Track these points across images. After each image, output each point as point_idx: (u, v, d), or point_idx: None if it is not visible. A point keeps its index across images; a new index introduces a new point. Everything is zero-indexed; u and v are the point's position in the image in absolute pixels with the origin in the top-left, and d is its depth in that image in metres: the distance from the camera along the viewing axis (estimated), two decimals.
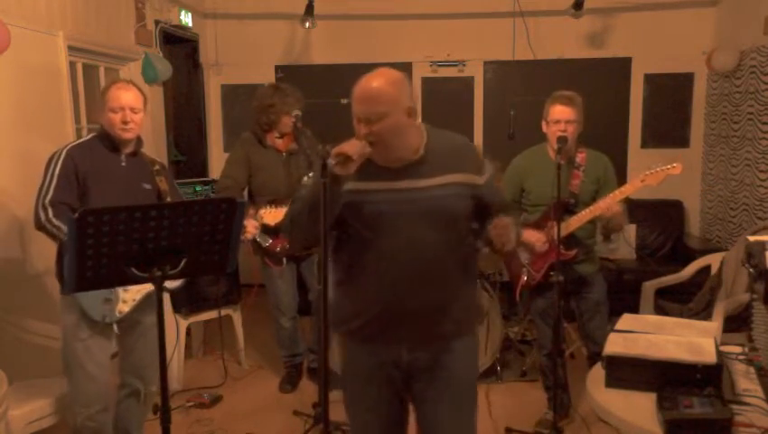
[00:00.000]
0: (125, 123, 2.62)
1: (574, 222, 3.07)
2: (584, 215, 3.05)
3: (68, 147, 2.63)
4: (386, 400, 2.10)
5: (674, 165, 2.91)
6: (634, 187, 2.96)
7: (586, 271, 3.23)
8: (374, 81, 1.88)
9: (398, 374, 2.06)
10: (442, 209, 1.95)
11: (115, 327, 2.67)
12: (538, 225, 3.16)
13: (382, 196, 1.94)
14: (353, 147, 1.83)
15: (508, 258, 3.42)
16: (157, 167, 2.82)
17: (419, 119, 2.00)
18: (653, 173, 2.94)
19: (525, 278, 3.25)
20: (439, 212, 1.95)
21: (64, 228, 2.40)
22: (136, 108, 2.66)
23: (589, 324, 3.27)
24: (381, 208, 1.94)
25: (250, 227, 3.43)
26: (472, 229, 2.07)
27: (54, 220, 2.50)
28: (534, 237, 3.13)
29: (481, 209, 2.04)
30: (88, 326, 2.62)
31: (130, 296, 2.66)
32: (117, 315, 2.64)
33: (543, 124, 3.14)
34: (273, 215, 3.55)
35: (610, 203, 2.95)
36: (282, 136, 3.67)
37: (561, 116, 3.03)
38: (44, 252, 2.60)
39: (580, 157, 3.14)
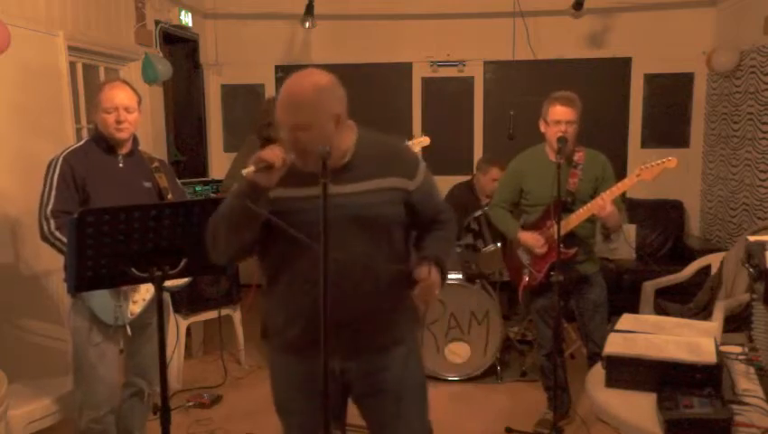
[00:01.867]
0: (119, 123, 2.59)
1: (573, 220, 3.07)
2: (582, 213, 3.06)
3: (64, 154, 2.59)
4: (315, 409, 1.93)
5: (669, 158, 2.92)
6: (630, 182, 2.97)
7: (588, 271, 3.23)
8: (299, 88, 1.76)
9: (333, 385, 1.93)
10: (373, 216, 1.85)
11: (128, 329, 2.64)
12: (537, 225, 3.18)
13: (309, 204, 1.75)
14: (275, 155, 1.71)
15: (508, 259, 3.43)
16: (156, 164, 2.78)
17: (349, 121, 1.87)
18: (648, 167, 2.94)
19: (527, 279, 3.25)
20: (370, 219, 1.85)
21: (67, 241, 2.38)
22: (131, 108, 2.62)
23: (589, 324, 3.27)
24: (309, 216, 1.74)
25: None
26: (405, 236, 1.97)
27: (56, 232, 2.47)
28: (532, 240, 3.14)
29: (414, 216, 1.95)
30: (101, 331, 2.59)
31: (140, 296, 2.64)
32: (130, 316, 2.62)
33: (541, 124, 3.14)
34: None
35: (602, 204, 2.95)
36: None
37: (562, 116, 3.03)
38: (44, 253, 2.60)
39: (578, 156, 3.15)
